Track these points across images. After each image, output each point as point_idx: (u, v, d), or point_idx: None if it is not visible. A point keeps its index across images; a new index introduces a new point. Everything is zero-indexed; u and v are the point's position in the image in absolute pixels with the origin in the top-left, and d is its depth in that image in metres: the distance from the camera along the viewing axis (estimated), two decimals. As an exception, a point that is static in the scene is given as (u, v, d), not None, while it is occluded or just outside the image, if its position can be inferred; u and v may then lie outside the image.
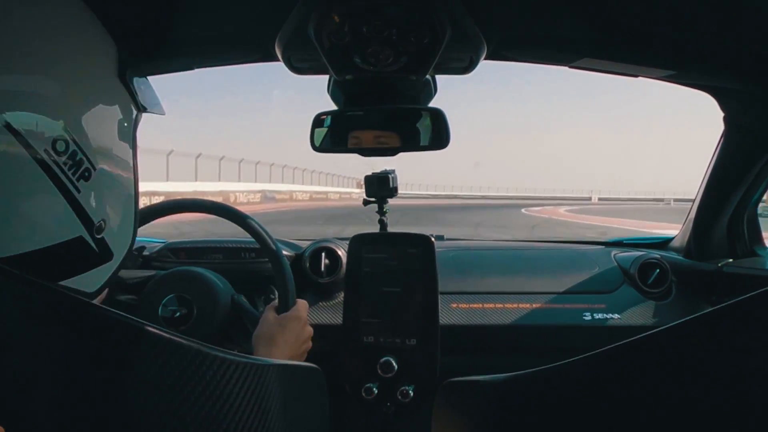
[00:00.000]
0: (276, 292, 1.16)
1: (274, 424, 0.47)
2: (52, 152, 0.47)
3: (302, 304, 1.07)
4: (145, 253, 1.43)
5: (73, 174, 0.49)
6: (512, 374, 0.53)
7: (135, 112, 0.62)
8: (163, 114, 0.71)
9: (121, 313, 0.39)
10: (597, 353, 0.47)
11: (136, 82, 0.61)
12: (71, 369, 0.36)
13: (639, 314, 1.32)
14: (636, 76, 1.03)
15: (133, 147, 0.61)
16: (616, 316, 1.30)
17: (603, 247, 1.64)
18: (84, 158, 0.50)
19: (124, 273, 1.20)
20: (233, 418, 0.43)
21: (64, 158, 0.48)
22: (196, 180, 23.83)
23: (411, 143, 1.14)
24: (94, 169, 0.52)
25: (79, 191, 0.50)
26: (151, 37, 0.90)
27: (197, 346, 0.42)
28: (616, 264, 1.45)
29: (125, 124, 0.59)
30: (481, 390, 0.57)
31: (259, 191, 27.85)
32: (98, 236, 0.53)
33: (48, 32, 0.49)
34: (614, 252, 1.52)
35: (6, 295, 0.35)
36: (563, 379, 0.50)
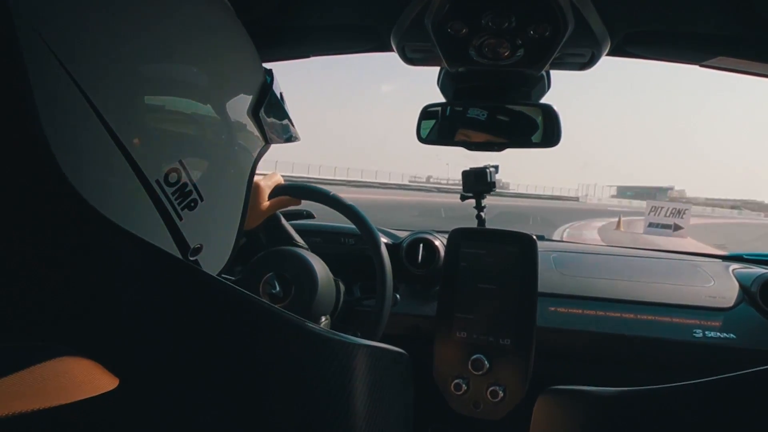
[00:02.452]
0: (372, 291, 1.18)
1: (357, 403, 0.47)
2: (163, 183, 0.48)
3: None
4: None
5: (179, 204, 0.50)
6: (625, 389, 0.50)
7: (262, 145, 0.62)
8: (299, 140, 0.70)
9: (229, 282, 0.41)
10: (727, 378, 0.43)
11: (271, 113, 0.61)
12: (181, 327, 0.38)
13: (759, 337, 1.20)
14: None
15: (251, 177, 0.61)
16: (731, 336, 1.19)
17: (720, 261, 1.51)
18: (193, 190, 0.51)
19: None
20: (318, 392, 0.43)
21: (173, 189, 0.49)
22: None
23: (519, 140, 1.11)
24: (202, 200, 0.52)
25: (181, 219, 0.50)
26: (272, 25, 0.94)
27: (293, 318, 0.43)
28: (735, 280, 1.33)
29: (248, 158, 0.59)
30: (589, 402, 0.54)
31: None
32: (192, 258, 0.54)
33: (189, 57, 0.50)
34: (733, 267, 1.40)
35: (130, 258, 0.37)
36: (686, 401, 0.46)
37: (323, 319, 1.14)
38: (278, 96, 0.65)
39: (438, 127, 1.13)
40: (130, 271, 0.37)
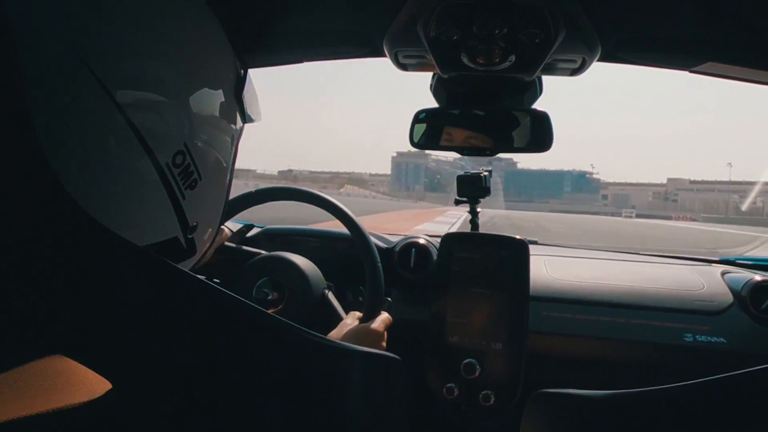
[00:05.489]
0: (364, 295, 1.19)
1: (351, 411, 0.47)
2: (171, 165, 0.50)
3: (385, 318, 1.08)
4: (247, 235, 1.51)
5: (183, 183, 0.52)
6: (613, 392, 0.50)
7: (241, 124, 0.65)
8: (260, 120, 0.73)
9: (223, 289, 0.41)
10: (716, 379, 0.43)
11: (246, 94, 0.64)
12: (173, 332, 0.38)
13: (748, 340, 1.21)
14: None
15: (234, 156, 0.64)
16: (721, 340, 1.20)
17: (711, 265, 1.52)
18: (195, 170, 0.53)
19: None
20: (312, 399, 0.43)
21: (179, 170, 0.51)
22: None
23: (511, 144, 1.11)
24: (200, 180, 0.55)
25: (184, 198, 0.53)
26: (264, 30, 0.94)
27: (286, 324, 0.43)
28: (725, 285, 1.34)
29: (232, 137, 0.62)
30: (577, 404, 0.54)
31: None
32: (189, 236, 0.56)
33: (183, 48, 0.52)
34: (723, 271, 1.41)
35: (121, 261, 0.38)
36: (675, 402, 0.46)
37: (327, 292, 1.18)
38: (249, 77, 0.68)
39: (430, 131, 1.14)
40: (121, 275, 0.37)
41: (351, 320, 1.06)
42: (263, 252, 1.24)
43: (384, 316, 1.08)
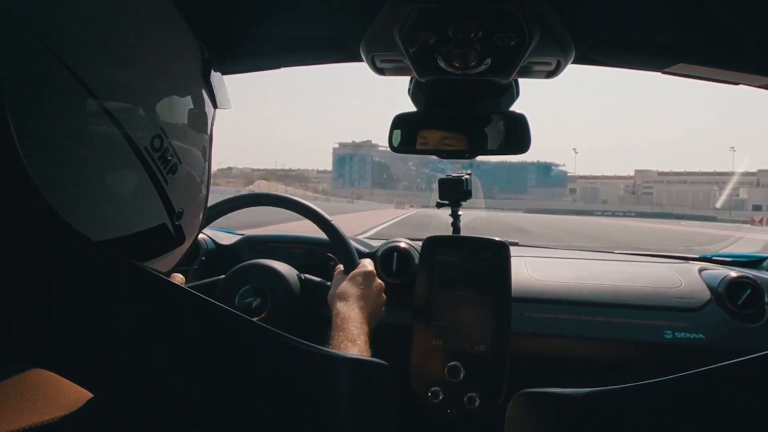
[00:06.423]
0: (337, 260, 1.22)
1: (340, 416, 0.47)
2: (150, 149, 0.51)
3: (367, 260, 1.14)
4: (224, 243, 1.50)
5: (164, 167, 0.53)
6: (594, 389, 0.51)
7: (212, 109, 0.65)
8: (230, 108, 0.74)
9: (208, 298, 0.40)
10: (692, 374, 0.44)
11: (213, 79, 0.65)
12: (156, 343, 0.38)
13: (726, 336, 1.23)
14: (737, 83, 0.96)
15: (210, 141, 0.65)
16: (701, 336, 1.22)
17: (689, 262, 1.54)
18: (174, 154, 0.54)
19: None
20: (301, 407, 0.43)
21: (158, 154, 0.52)
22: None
23: (483, 146, 1.12)
24: (180, 163, 0.55)
25: (167, 183, 0.53)
26: (239, 36, 0.94)
27: (272, 332, 0.42)
28: (702, 281, 1.36)
29: (205, 121, 0.63)
30: (559, 403, 0.55)
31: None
32: (177, 223, 0.57)
33: (149, 36, 0.53)
34: (701, 268, 1.43)
35: (103, 271, 0.37)
36: (652, 398, 0.47)
37: (304, 275, 1.22)
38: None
39: (409, 135, 1.14)
40: (100, 284, 0.36)
41: (339, 275, 1.12)
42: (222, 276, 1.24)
43: (366, 261, 1.14)
